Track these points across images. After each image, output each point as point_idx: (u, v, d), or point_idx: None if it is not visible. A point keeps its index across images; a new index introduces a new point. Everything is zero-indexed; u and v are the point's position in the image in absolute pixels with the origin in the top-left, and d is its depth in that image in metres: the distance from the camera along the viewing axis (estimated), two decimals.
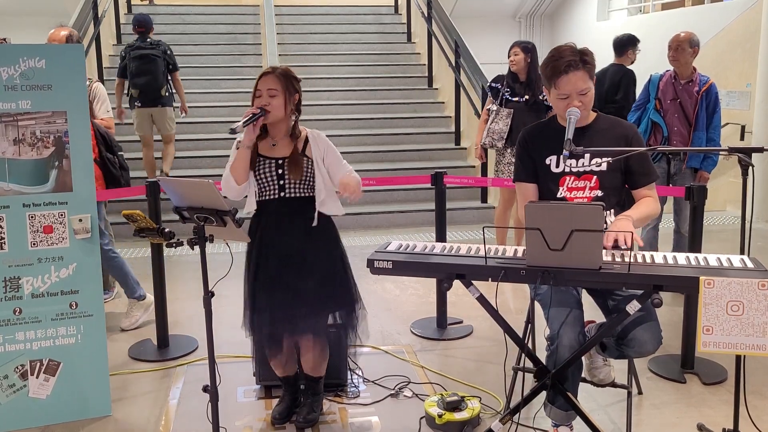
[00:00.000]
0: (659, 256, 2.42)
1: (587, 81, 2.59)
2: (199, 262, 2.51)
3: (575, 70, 2.56)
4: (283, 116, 2.83)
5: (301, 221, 2.85)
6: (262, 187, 2.84)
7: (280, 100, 2.79)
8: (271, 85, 2.79)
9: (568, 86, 2.57)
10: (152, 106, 6.92)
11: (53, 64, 2.94)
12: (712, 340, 2.16)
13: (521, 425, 2.88)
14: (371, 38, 10.39)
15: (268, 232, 2.86)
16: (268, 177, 2.83)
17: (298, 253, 2.84)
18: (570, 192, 2.67)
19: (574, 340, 2.46)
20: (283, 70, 2.86)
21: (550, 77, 2.61)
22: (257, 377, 3.35)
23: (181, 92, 7.14)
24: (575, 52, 2.59)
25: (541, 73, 2.68)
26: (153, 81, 6.85)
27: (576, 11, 12.99)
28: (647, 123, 4.67)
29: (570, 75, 2.56)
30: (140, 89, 6.86)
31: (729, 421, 2.78)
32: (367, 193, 7.14)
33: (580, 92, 2.58)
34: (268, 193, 2.84)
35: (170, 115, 7.05)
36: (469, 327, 4.19)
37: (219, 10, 10.65)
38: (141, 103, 6.90)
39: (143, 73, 6.84)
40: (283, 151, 2.85)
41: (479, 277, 2.41)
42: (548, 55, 2.65)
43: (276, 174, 2.83)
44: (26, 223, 2.97)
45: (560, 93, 2.60)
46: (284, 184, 2.83)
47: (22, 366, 3.03)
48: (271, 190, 2.84)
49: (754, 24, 7.71)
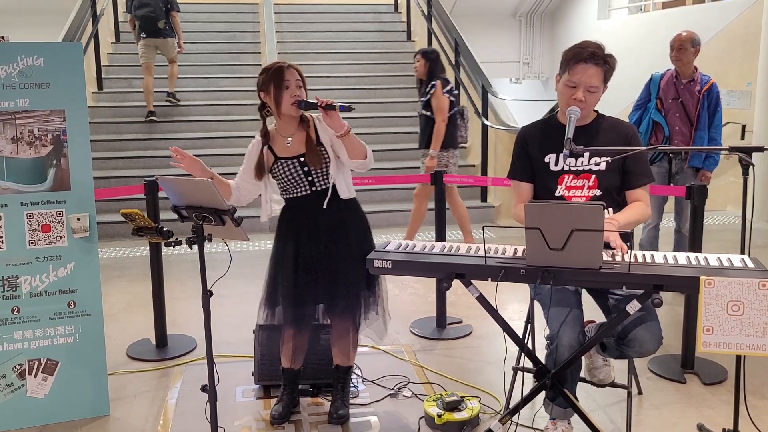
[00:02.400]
0: (659, 255, 2.41)
1: (600, 81, 2.58)
2: (197, 262, 2.51)
3: (594, 64, 2.55)
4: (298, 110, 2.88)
5: (332, 214, 2.87)
6: (290, 186, 2.89)
7: (303, 91, 2.86)
8: (298, 77, 2.85)
9: (582, 76, 2.56)
10: (155, 38, 8.01)
11: (51, 62, 2.93)
12: (712, 340, 2.15)
13: (521, 425, 2.88)
14: (371, 37, 10.38)
15: (305, 222, 2.89)
16: (295, 176, 2.87)
17: (325, 247, 2.87)
18: (568, 191, 2.66)
19: (574, 340, 2.46)
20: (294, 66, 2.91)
21: (568, 60, 2.59)
22: (256, 377, 3.34)
23: (179, 31, 8.25)
24: (601, 49, 2.59)
25: (562, 56, 2.65)
26: (151, 13, 7.91)
27: (576, 10, 12.98)
28: (648, 122, 4.66)
29: (589, 66, 2.55)
30: (141, 20, 7.93)
31: (729, 421, 2.77)
32: (367, 193, 7.14)
33: (588, 87, 2.57)
34: (298, 191, 2.89)
35: (172, 44, 8.19)
36: (469, 327, 4.19)
37: (218, 8, 10.64)
38: (146, 35, 7.98)
39: (143, 5, 7.93)
40: (298, 147, 2.88)
41: (479, 276, 2.40)
42: (577, 43, 2.64)
43: (302, 172, 2.86)
44: (24, 221, 2.96)
45: (570, 80, 2.58)
46: (313, 180, 2.87)
47: (20, 365, 3.02)
48: (301, 188, 2.88)
49: (754, 23, 7.71)
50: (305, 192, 2.89)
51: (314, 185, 2.88)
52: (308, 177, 2.87)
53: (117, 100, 8.63)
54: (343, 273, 2.88)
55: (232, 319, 4.26)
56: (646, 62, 9.70)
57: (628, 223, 2.56)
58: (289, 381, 3.12)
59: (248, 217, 2.92)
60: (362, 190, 7.05)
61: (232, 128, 8.26)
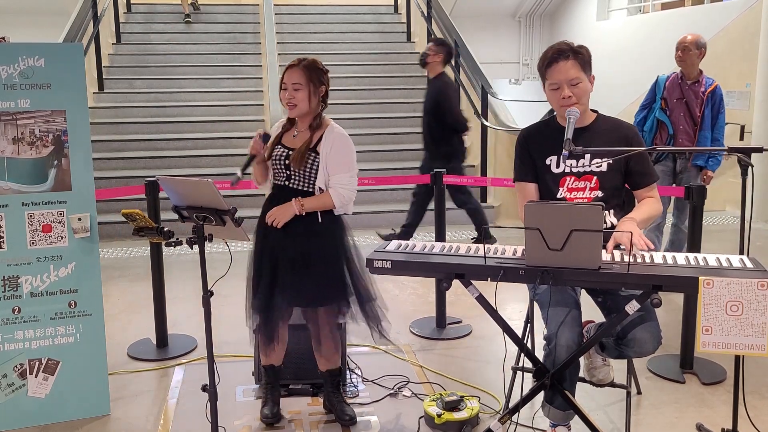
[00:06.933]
0: (658, 256, 2.42)
1: (578, 71, 2.58)
2: (198, 262, 2.51)
3: (564, 59, 2.57)
4: (308, 109, 2.86)
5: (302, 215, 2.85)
6: (275, 172, 2.93)
7: (304, 93, 2.82)
8: (295, 79, 2.82)
9: (559, 75, 2.57)
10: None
11: (52, 63, 2.94)
12: (711, 340, 2.16)
13: (520, 425, 2.89)
14: (371, 38, 10.39)
15: None
16: (279, 165, 2.91)
17: (296, 242, 2.86)
18: (570, 192, 2.67)
19: (572, 341, 2.46)
20: (309, 61, 2.89)
21: (541, 69, 2.63)
22: (256, 377, 3.35)
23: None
24: (567, 44, 2.61)
25: (537, 68, 2.69)
26: None
27: (576, 11, 12.98)
28: (653, 121, 4.76)
29: (559, 63, 2.57)
30: None
31: (728, 421, 2.78)
32: (366, 193, 7.15)
33: (570, 82, 2.57)
34: (279, 179, 2.93)
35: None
36: (468, 327, 4.19)
37: (219, 9, 10.65)
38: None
39: None
40: (299, 142, 2.89)
41: (478, 276, 2.41)
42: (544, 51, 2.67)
43: (284, 164, 2.89)
44: (25, 222, 2.97)
45: (550, 83, 2.60)
46: (290, 174, 2.88)
47: (21, 365, 3.03)
48: (281, 177, 2.91)
49: (753, 24, 7.71)
50: (282, 182, 2.91)
51: (290, 180, 2.89)
52: (287, 170, 2.88)
53: (118, 100, 8.64)
54: (316, 273, 2.85)
55: (232, 319, 4.26)
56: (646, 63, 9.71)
57: (644, 219, 2.59)
58: (272, 378, 3.12)
59: (249, 218, 2.92)
60: (362, 190, 7.02)
61: (233, 129, 8.27)
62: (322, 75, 2.88)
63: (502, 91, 9.17)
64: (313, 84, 2.84)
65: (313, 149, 2.85)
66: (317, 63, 2.90)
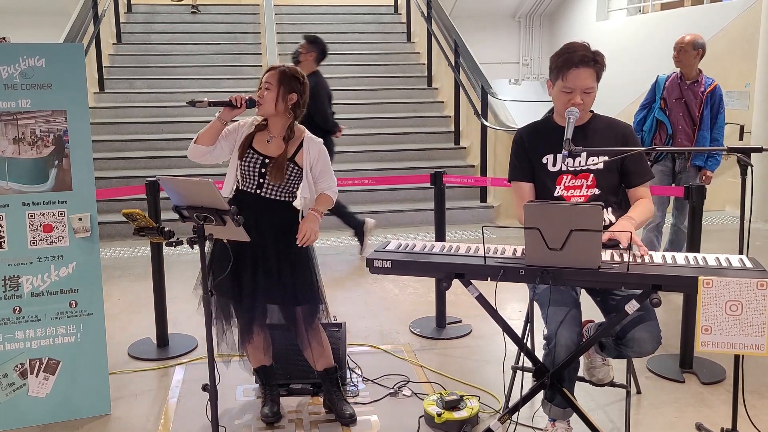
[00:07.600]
0: (658, 255, 2.43)
1: (593, 81, 2.60)
2: (198, 261, 2.52)
3: (586, 67, 2.57)
4: (273, 112, 2.86)
5: (276, 221, 2.88)
6: (244, 177, 2.90)
7: (271, 94, 2.84)
8: (268, 79, 2.86)
9: (577, 81, 2.58)
10: None
11: (53, 63, 2.95)
12: (710, 340, 2.16)
13: (520, 424, 2.89)
14: (371, 38, 10.39)
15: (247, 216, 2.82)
16: (251, 171, 2.88)
17: (268, 250, 2.87)
18: (567, 191, 2.67)
19: (571, 340, 2.47)
20: (289, 68, 2.89)
21: (560, 68, 2.60)
22: (256, 376, 3.35)
23: None
24: (588, 49, 2.61)
25: (551, 63, 2.66)
26: None
27: (575, 11, 12.98)
28: (652, 121, 4.76)
29: (581, 70, 2.57)
30: None
31: (728, 421, 2.78)
32: (366, 193, 7.15)
33: (584, 90, 2.58)
34: (248, 185, 2.90)
35: None
36: (468, 326, 4.20)
37: (219, 9, 10.65)
38: None
39: None
40: (273, 150, 2.88)
41: (478, 276, 2.41)
42: (562, 47, 2.65)
43: (258, 172, 2.87)
44: (26, 222, 2.97)
45: (566, 86, 2.59)
46: (263, 183, 2.87)
47: (22, 365, 3.03)
48: (251, 184, 2.89)
49: (753, 24, 7.72)
50: (252, 190, 2.89)
51: (261, 188, 2.87)
52: (260, 179, 2.86)
53: (118, 100, 8.64)
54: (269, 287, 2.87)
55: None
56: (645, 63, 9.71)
57: (641, 220, 2.60)
58: (266, 379, 3.13)
59: None
60: (362, 190, 7.07)
61: None
62: (296, 83, 2.86)
63: (501, 91, 9.18)
64: (283, 87, 2.84)
65: (291, 160, 2.87)
66: (296, 72, 2.89)
